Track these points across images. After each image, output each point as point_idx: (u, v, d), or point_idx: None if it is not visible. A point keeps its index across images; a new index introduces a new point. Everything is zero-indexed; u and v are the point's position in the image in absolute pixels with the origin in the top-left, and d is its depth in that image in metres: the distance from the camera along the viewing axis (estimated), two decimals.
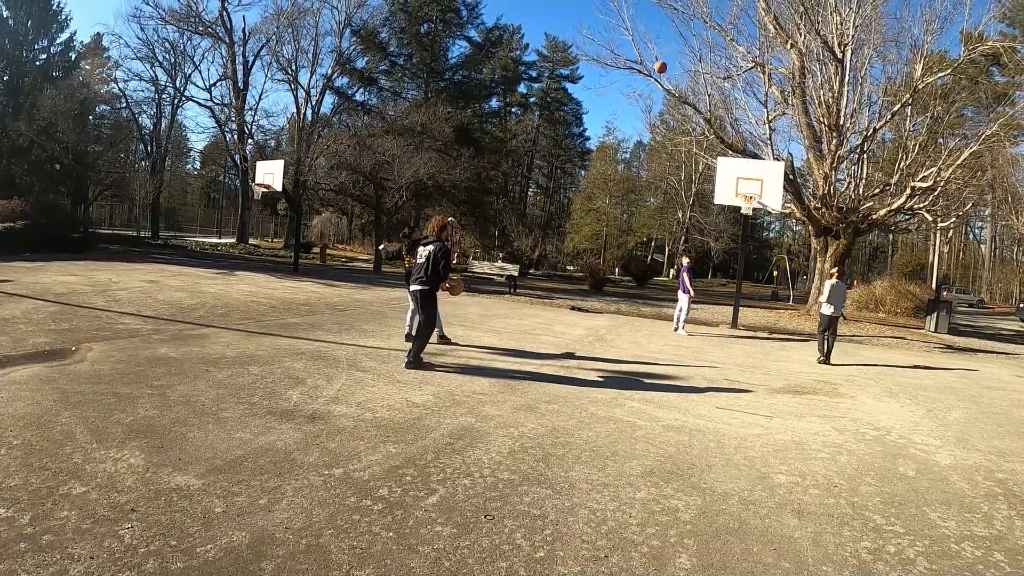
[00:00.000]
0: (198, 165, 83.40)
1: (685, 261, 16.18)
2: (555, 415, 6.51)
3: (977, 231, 75.47)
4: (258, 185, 24.57)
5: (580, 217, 66.43)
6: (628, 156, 78.32)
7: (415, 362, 8.33)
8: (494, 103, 64.18)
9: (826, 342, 12.66)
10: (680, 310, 15.50)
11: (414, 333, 9.08)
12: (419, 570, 3.23)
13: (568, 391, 7.72)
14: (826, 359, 12.62)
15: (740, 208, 17.39)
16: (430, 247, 8.57)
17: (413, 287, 8.71)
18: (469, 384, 7.62)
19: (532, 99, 69.89)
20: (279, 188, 24.17)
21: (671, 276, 57.66)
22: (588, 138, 75.52)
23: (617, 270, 52.36)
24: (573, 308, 19.43)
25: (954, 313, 27.08)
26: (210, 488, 3.96)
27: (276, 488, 4.05)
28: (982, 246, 74.60)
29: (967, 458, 6.33)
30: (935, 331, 22.50)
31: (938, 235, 54.86)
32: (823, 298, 12.91)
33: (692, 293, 15.61)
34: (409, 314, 10.38)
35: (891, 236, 61.41)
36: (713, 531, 4.04)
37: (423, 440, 5.32)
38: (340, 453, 4.81)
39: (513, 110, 68.35)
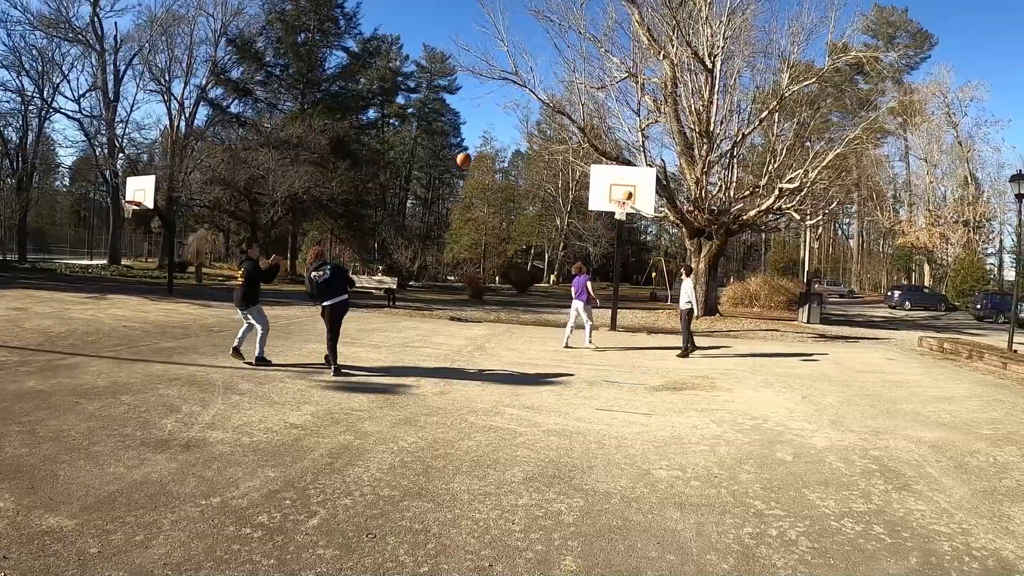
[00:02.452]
0: (67, 182, 78.77)
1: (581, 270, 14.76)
2: (435, 427, 6.47)
3: (845, 227, 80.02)
4: (129, 202, 23.34)
5: (459, 227, 66.27)
6: (507, 165, 78.79)
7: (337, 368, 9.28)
8: (371, 114, 63.52)
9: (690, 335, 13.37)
10: (587, 323, 14.04)
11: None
12: None
13: (447, 402, 7.69)
14: (693, 347, 13.30)
15: (615, 213, 17.74)
16: (327, 268, 9.52)
17: (328, 302, 9.44)
18: (348, 401, 7.50)
19: (410, 110, 69.66)
20: (151, 205, 23.08)
21: (551, 282, 58.43)
22: (466, 148, 75.77)
23: (498, 278, 52.58)
24: (453, 319, 19.26)
25: (826, 304, 28.57)
26: (84, 528, 3.77)
27: (152, 523, 3.89)
28: (850, 240, 79.18)
29: (842, 439, 6.66)
30: (808, 322, 23.65)
31: (808, 232, 57.82)
32: (689, 297, 13.34)
33: (596, 302, 14.30)
34: (242, 331, 10.20)
35: (763, 235, 64.19)
36: (597, 531, 4.08)
37: (302, 462, 5.21)
38: (217, 481, 4.65)
39: (391, 121, 67.83)
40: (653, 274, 50.33)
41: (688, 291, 13.47)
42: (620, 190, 17.05)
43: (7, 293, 19.14)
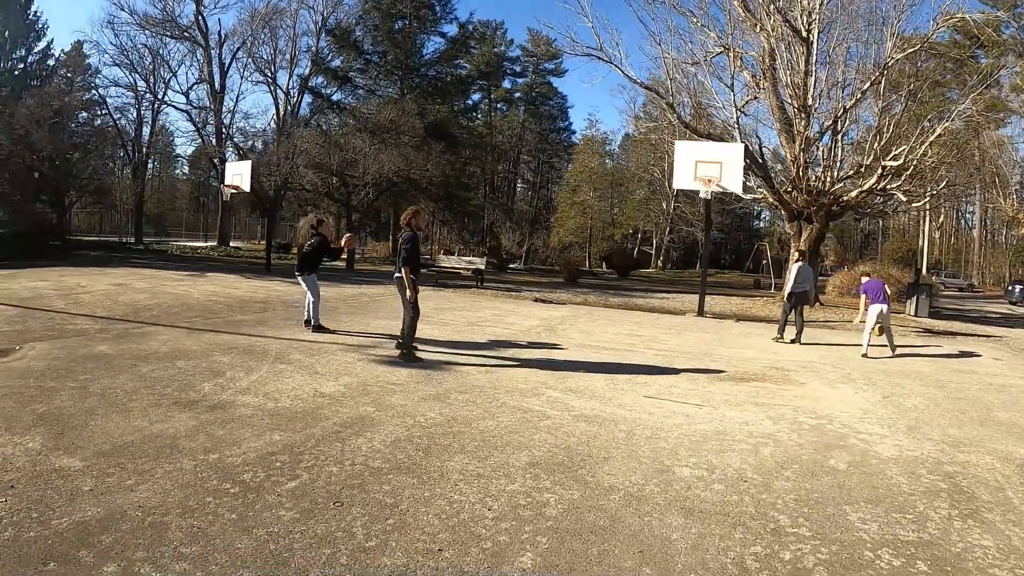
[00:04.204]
0: (186, 169, 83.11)
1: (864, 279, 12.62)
2: (462, 405, 6.35)
3: (968, 216, 75.22)
4: (227, 186, 24.34)
5: (565, 211, 65.96)
6: (615, 149, 77.73)
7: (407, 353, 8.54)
8: (476, 98, 63.84)
9: (795, 321, 12.79)
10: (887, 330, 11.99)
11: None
12: (243, 550, 3.27)
13: (488, 381, 7.54)
14: (796, 339, 12.67)
15: (699, 192, 17.18)
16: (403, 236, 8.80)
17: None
18: (388, 375, 7.49)
19: (517, 94, 69.44)
20: (247, 189, 23.90)
21: (657, 267, 57.43)
22: (574, 132, 75.06)
23: (604, 263, 52.12)
24: (537, 300, 19.14)
25: (939, 296, 26.80)
26: (88, 470, 4.15)
27: (148, 471, 4.20)
28: (973, 230, 74.27)
29: (915, 449, 5.83)
30: (915, 315, 22.20)
31: (928, 220, 54.77)
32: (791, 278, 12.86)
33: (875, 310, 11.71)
34: (307, 302, 10.71)
35: (881, 223, 61.19)
36: (576, 529, 3.72)
37: (312, 428, 5.35)
38: (224, 440, 4.90)
39: (498, 106, 67.98)
40: (763, 261, 48.65)
41: (791, 278, 13.05)
42: (706, 167, 16.45)
43: (114, 271, 20.15)
